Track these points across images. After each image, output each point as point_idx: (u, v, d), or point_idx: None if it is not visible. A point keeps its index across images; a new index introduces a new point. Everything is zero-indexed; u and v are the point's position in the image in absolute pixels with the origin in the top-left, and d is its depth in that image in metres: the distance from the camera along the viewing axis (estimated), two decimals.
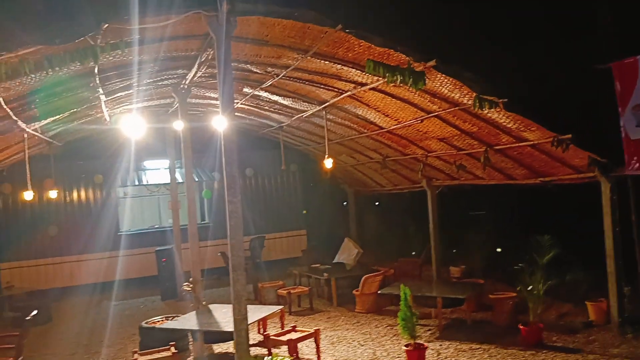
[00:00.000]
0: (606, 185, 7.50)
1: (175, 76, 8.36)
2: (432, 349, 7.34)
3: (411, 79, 6.40)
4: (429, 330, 8.32)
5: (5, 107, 6.45)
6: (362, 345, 7.87)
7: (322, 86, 8.39)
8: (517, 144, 8.17)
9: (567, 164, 8.06)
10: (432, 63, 6.36)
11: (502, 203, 13.52)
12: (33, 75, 5.59)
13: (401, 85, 6.82)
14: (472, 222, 13.19)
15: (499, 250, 12.31)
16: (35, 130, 8.79)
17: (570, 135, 7.14)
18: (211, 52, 6.78)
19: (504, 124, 7.70)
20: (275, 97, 9.65)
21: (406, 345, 6.92)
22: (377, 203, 17.52)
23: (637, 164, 6.89)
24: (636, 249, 7.22)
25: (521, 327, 7.38)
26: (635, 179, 7.19)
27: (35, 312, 7.34)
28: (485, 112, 7.31)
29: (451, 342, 7.64)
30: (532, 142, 7.87)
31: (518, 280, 7.75)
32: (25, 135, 8.64)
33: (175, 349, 6.98)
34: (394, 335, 8.14)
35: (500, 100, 6.87)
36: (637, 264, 7.24)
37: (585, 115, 8.86)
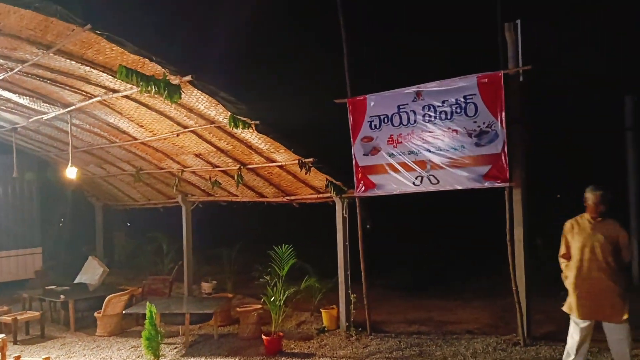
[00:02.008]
0: (339, 205, 8.51)
1: None
2: None
3: (166, 91, 6.31)
4: (175, 348, 8.15)
5: None
6: None
7: (67, 87, 7.63)
8: (267, 164, 8.70)
9: (309, 185, 8.89)
10: (188, 78, 6.38)
11: (254, 220, 14.23)
12: None
13: (156, 96, 6.67)
14: (226, 238, 13.52)
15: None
16: None
17: (312, 159, 7.92)
18: None
19: (256, 144, 8.13)
20: (8, 94, 8.40)
21: None
22: (128, 224, 16.62)
23: (364, 187, 8.01)
24: (361, 261, 8.31)
25: (264, 337, 7.78)
26: (363, 200, 8.30)
27: None
28: (239, 131, 7.63)
29: (197, 358, 7.60)
30: (280, 163, 8.48)
31: (263, 293, 8.19)
32: None
33: None
34: (138, 357, 7.72)
35: (253, 122, 7.26)
36: (361, 273, 8.32)
37: (328, 142, 9.97)
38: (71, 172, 9.14)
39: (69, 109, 8.48)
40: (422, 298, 10.63)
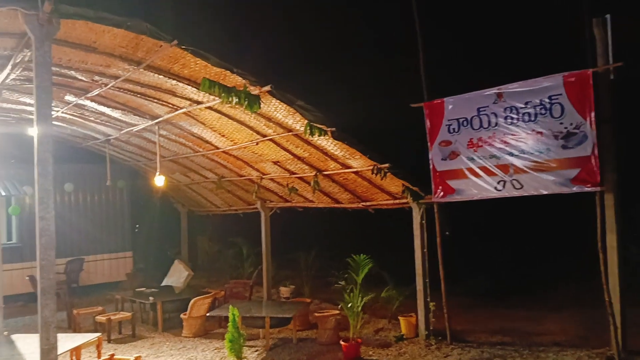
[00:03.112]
0: (417, 211, 8.38)
1: None
2: None
3: (247, 102, 6.52)
4: (256, 350, 8.36)
5: None
6: None
7: (155, 100, 8.10)
8: (342, 170, 8.74)
9: (385, 191, 8.83)
10: (267, 88, 6.56)
11: (330, 225, 14.31)
12: None
13: (237, 106, 6.90)
14: (302, 243, 13.70)
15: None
16: None
17: (388, 165, 7.86)
18: (28, 54, 6.14)
19: (332, 151, 8.20)
20: (102, 108, 9.04)
21: None
22: (210, 227, 17.27)
23: (442, 193, 7.84)
24: (440, 268, 8.13)
25: (342, 343, 7.80)
26: (441, 205, 8.14)
27: None
28: (316, 139, 7.73)
29: None
30: (355, 169, 8.50)
31: (340, 298, 8.22)
32: None
33: None
34: (221, 359, 8.01)
35: (329, 129, 7.33)
36: (441, 282, 8.14)
37: (404, 147, 9.87)
38: (159, 180, 9.68)
39: (156, 120, 8.98)
40: (505, 307, 10.21)
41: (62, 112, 9.65)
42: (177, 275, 11.62)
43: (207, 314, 9.42)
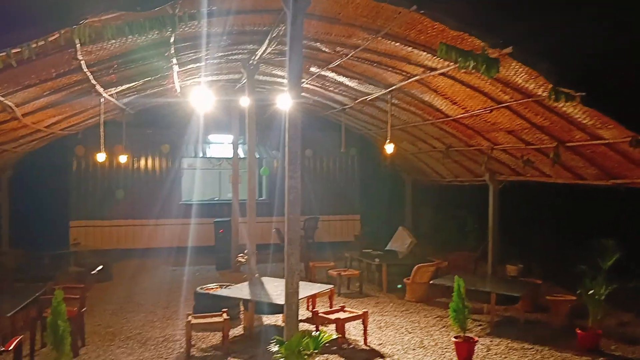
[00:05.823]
0: None
1: (245, 51, 8.49)
2: (482, 344, 7.19)
3: (484, 66, 6.17)
4: (480, 325, 8.16)
5: (86, 70, 6.77)
6: (410, 333, 7.82)
7: (389, 69, 8.27)
8: (591, 142, 7.76)
9: None
10: (507, 50, 6.11)
11: (564, 203, 12.98)
12: (114, 41, 5.83)
13: (473, 71, 6.62)
14: (535, 221, 12.76)
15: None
16: (111, 96, 9.19)
17: None
18: (283, 28, 6.83)
19: (579, 119, 7.32)
20: (341, 78, 9.62)
21: (455, 337, 6.82)
22: (433, 197, 17.26)
23: None
24: None
25: (578, 331, 7.10)
26: None
27: (100, 267, 7.76)
28: (561, 105, 6.98)
29: (502, 339, 7.46)
30: (607, 141, 7.46)
31: (578, 284, 7.44)
32: (102, 100, 9.05)
33: (227, 316, 7.19)
34: (443, 327, 8.04)
35: (578, 94, 6.52)
36: None
37: None
38: (389, 148, 9.98)
39: (390, 89, 9.19)
40: None
41: (307, 83, 10.57)
42: (401, 242, 11.97)
43: (430, 282, 9.50)
